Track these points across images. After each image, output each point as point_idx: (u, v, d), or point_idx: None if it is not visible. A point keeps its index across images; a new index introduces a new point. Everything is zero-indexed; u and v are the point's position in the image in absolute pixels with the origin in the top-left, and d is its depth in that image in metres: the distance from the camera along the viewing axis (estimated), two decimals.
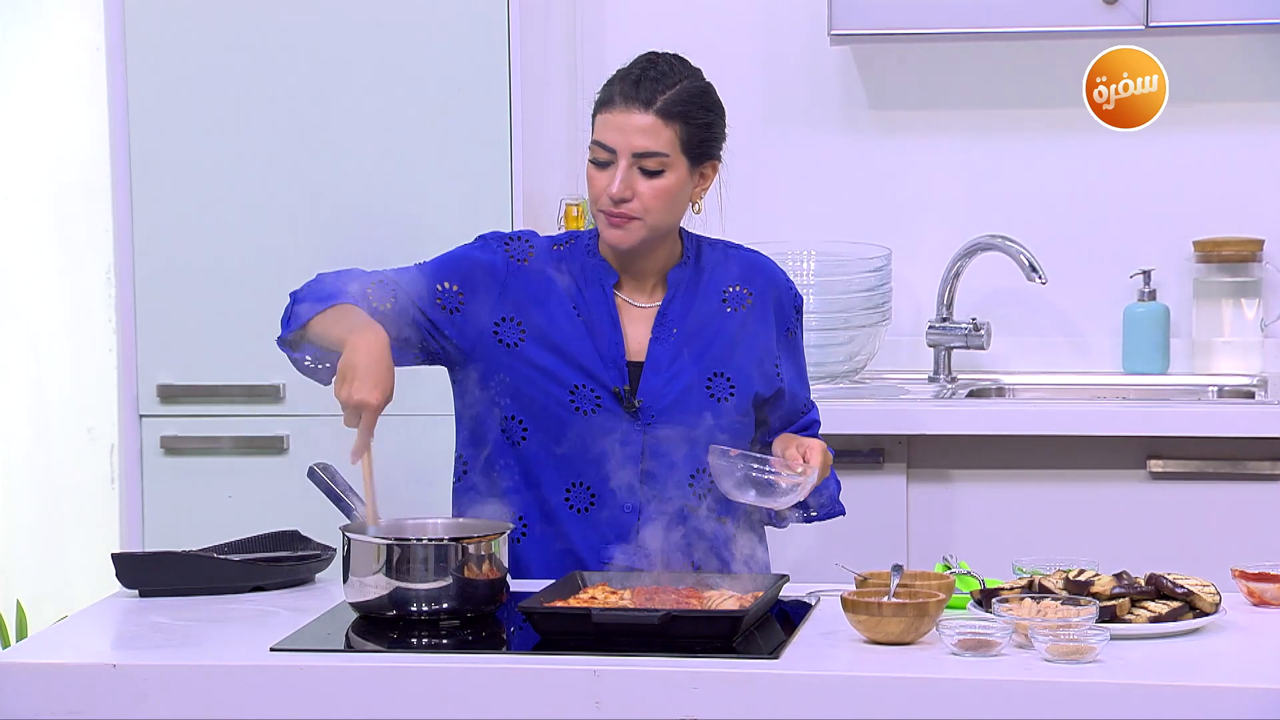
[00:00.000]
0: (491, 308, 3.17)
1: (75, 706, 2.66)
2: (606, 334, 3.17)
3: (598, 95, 3.16)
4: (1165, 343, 4.46)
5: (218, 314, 4.19)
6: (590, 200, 3.15)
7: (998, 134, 4.57)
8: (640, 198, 3.10)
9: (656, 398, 3.15)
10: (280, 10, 4.16)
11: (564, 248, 3.23)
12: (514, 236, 3.24)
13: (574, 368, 3.15)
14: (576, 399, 3.14)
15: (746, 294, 3.24)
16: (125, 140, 4.19)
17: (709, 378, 3.18)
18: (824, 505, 3.27)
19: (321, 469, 3.06)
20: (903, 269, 4.51)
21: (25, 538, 5.10)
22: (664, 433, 3.14)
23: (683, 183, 3.13)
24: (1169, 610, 2.75)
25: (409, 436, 4.00)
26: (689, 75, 3.15)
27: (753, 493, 3.02)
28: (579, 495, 3.15)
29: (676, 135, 3.11)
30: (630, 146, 3.09)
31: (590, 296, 3.19)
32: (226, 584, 3.07)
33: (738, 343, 3.21)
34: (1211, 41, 4.43)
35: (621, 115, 3.10)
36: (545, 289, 3.18)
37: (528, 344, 3.15)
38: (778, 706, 2.56)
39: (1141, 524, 3.99)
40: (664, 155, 3.10)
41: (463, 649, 2.77)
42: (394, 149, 4.15)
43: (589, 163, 3.13)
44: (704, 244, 3.27)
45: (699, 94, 3.14)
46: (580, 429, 3.14)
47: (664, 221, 3.14)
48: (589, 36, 4.64)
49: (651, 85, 3.10)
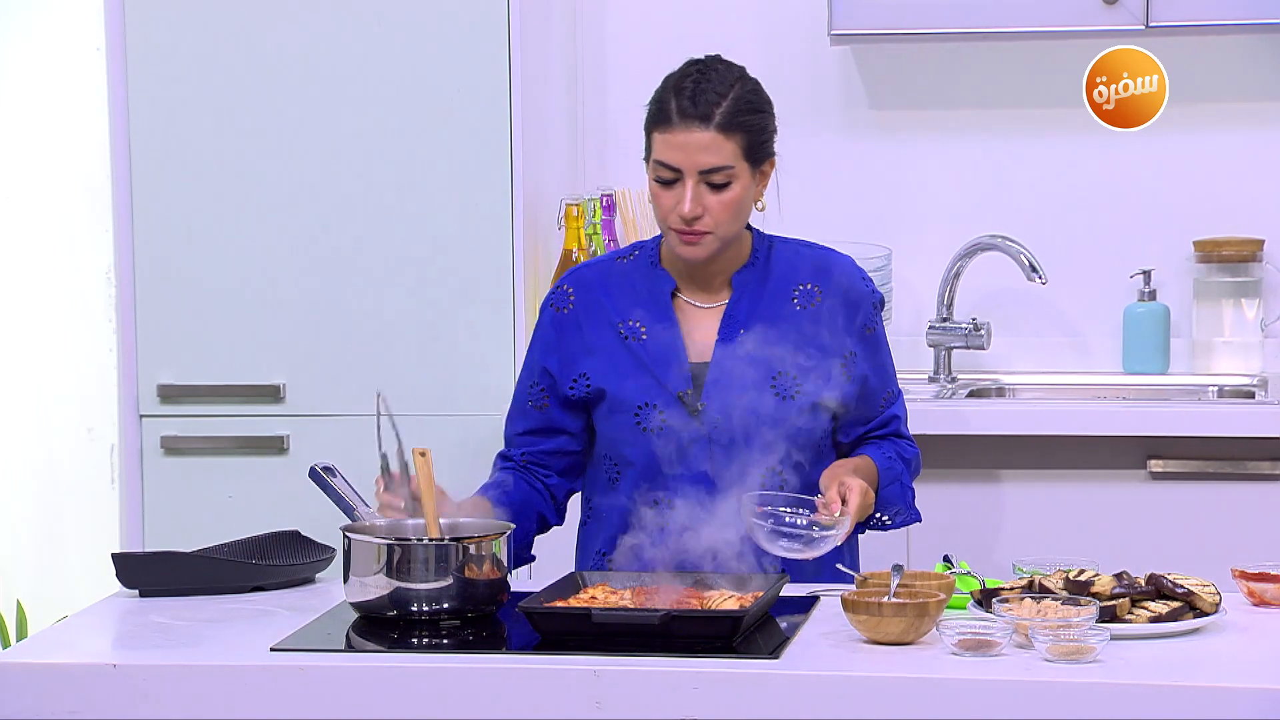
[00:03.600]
0: (568, 370, 3.22)
1: (75, 706, 2.66)
2: (666, 342, 3.18)
3: (651, 109, 3.16)
4: (1165, 343, 4.46)
5: (218, 314, 4.19)
6: (658, 218, 3.15)
7: (998, 134, 4.57)
8: (710, 213, 3.11)
9: (722, 399, 3.15)
10: (280, 10, 4.16)
11: (628, 260, 3.27)
12: (556, 289, 3.28)
13: (634, 389, 3.17)
14: (641, 419, 3.16)
15: (817, 291, 3.23)
16: (125, 140, 4.19)
17: (774, 376, 3.17)
18: (899, 513, 3.26)
19: (323, 469, 3.06)
20: (903, 269, 4.51)
21: (25, 538, 5.10)
22: (732, 436, 3.14)
23: (747, 189, 3.14)
24: (1169, 610, 2.75)
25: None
26: (738, 79, 3.14)
27: (784, 542, 3.01)
28: (661, 512, 3.12)
29: (738, 145, 3.11)
30: (695, 165, 3.09)
31: (652, 308, 3.21)
32: (227, 584, 3.07)
33: (805, 341, 3.19)
34: (1211, 41, 4.43)
35: (682, 134, 3.09)
36: (592, 325, 3.22)
37: (593, 386, 3.19)
38: (778, 706, 2.56)
39: (1141, 524, 3.99)
40: (729, 168, 3.10)
41: (463, 649, 2.77)
42: (394, 149, 4.15)
43: (653, 181, 3.13)
44: (776, 243, 3.27)
45: (752, 97, 3.14)
46: (651, 449, 3.15)
47: (734, 230, 3.16)
48: (589, 36, 4.64)
49: (707, 99, 3.10)
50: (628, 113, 4.62)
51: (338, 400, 4.17)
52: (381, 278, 4.16)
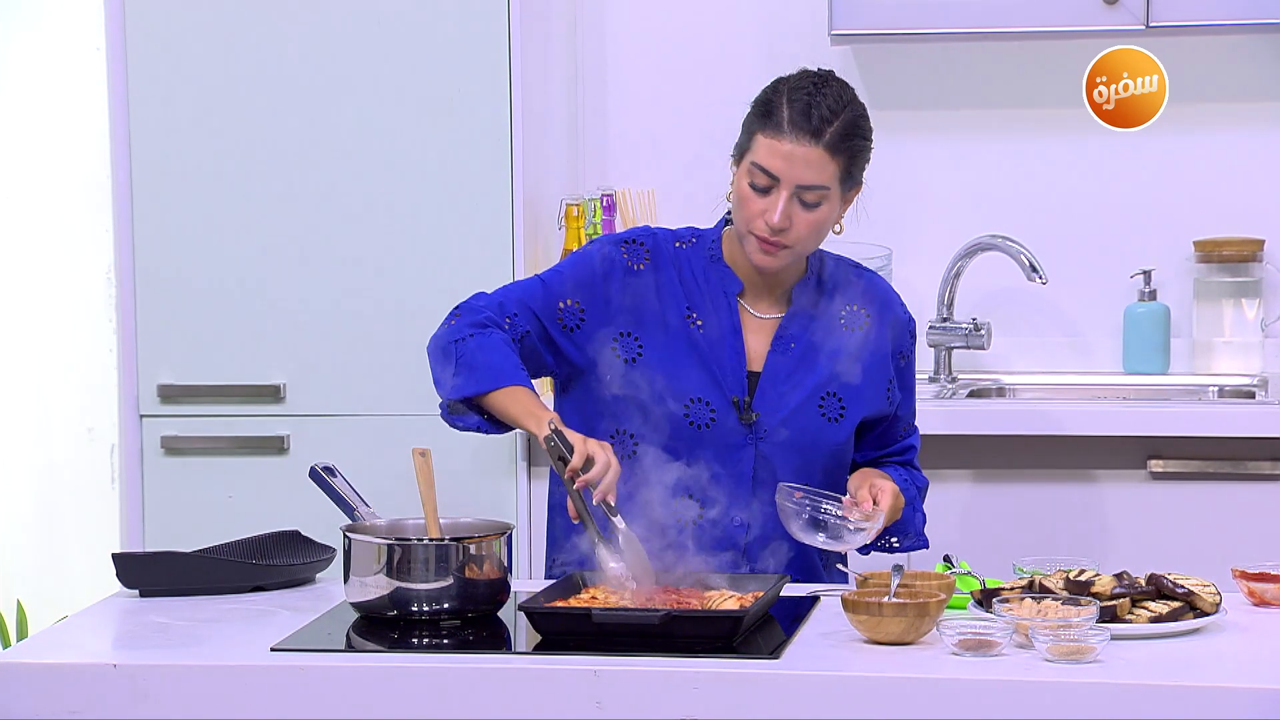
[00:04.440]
0: (610, 321, 3.15)
1: (75, 706, 2.66)
2: (728, 343, 3.16)
3: (758, 109, 3.11)
4: (1166, 343, 4.46)
5: (218, 314, 4.19)
6: (742, 220, 3.11)
7: (998, 134, 4.56)
8: (795, 228, 3.09)
9: (772, 411, 3.14)
10: (280, 10, 4.16)
11: (686, 246, 3.22)
12: (630, 239, 3.21)
13: (690, 381, 3.13)
14: (691, 413, 3.13)
15: (865, 316, 3.23)
16: (125, 140, 4.19)
17: (822, 397, 3.17)
18: (909, 539, 3.27)
19: (323, 469, 3.06)
20: (903, 269, 4.51)
21: (25, 538, 5.10)
22: (777, 448, 3.14)
23: (834, 211, 3.13)
24: (1169, 610, 2.75)
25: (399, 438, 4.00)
26: (850, 101, 3.12)
27: (821, 536, 3.02)
28: (689, 508, 3.11)
29: (839, 168, 3.09)
30: (796, 179, 3.07)
31: (713, 304, 3.17)
32: (227, 584, 3.07)
33: (853, 364, 3.19)
34: (1211, 41, 4.43)
35: (790, 144, 3.06)
36: (663, 298, 3.17)
37: (645, 359, 3.14)
38: (778, 706, 2.56)
39: (1142, 524, 3.99)
40: (825, 189, 3.08)
41: (463, 649, 2.77)
42: (394, 148, 4.15)
43: (746, 184, 3.09)
44: (828, 260, 3.26)
45: (861, 122, 3.12)
46: (693, 443, 3.12)
47: (812, 249, 3.16)
48: (589, 36, 4.64)
49: (821, 115, 3.06)
50: (628, 113, 4.64)
51: (338, 400, 4.18)
52: (382, 278, 4.16)
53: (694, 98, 4.58)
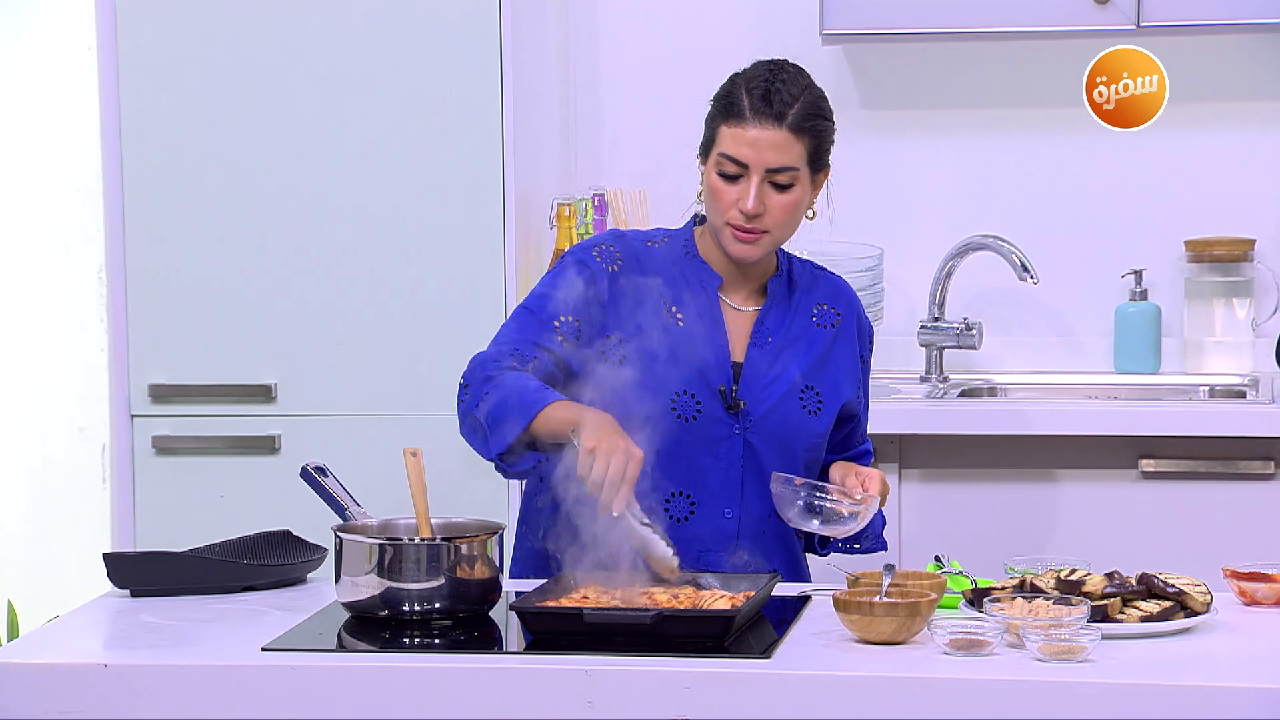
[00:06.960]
0: (599, 325, 3.14)
1: (67, 706, 2.66)
2: (711, 335, 3.16)
3: (719, 104, 3.14)
4: (1157, 342, 4.46)
5: (210, 313, 4.19)
6: (716, 212, 3.12)
7: (989, 134, 4.57)
8: (770, 213, 3.10)
9: (757, 401, 3.15)
10: (271, 10, 4.16)
11: (659, 245, 3.22)
12: (599, 244, 3.21)
13: (674, 376, 3.13)
14: (678, 406, 3.13)
15: (835, 314, 3.25)
16: (117, 140, 4.19)
17: (801, 391, 3.18)
18: (869, 540, 3.27)
19: (314, 469, 3.05)
20: (894, 269, 4.51)
21: (17, 537, 5.09)
22: (763, 438, 3.14)
23: (806, 194, 3.15)
24: (1160, 610, 2.75)
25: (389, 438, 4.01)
26: (808, 85, 3.15)
27: (816, 521, 3.03)
28: (679, 504, 3.12)
29: (805, 149, 3.11)
30: (764, 163, 3.09)
31: (693, 298, 3.18)
32: (218, 584, 3.07)
33: (827, 360, 3.21)
34: (1202, 41, 4.43)
35: (754, 130, 3.08)
36: (639, 298, 3.16)
37: (630, 359, 3.13)
38: (770, 706, 2.56)
39: (1133, 524, 3.99)
40: (794, 170, 3.10)
41: (455, 649, 2.77)
42: (386, 148, 4.15)
43: (716, 175, 3.11)
44: (794, 260, 3.28)
45: (820, 104, 3.15)
46: (680, 436, 3.12)
47: (788, 234, 3.17)
48: (582, 36, 4.64)
49: (781, 99, 3.09)
50: (620, 113, 4.64)
51: (329, 400, 4.17)
52: (373, 277, 4.16)
53: (685, 98, 4.54)
